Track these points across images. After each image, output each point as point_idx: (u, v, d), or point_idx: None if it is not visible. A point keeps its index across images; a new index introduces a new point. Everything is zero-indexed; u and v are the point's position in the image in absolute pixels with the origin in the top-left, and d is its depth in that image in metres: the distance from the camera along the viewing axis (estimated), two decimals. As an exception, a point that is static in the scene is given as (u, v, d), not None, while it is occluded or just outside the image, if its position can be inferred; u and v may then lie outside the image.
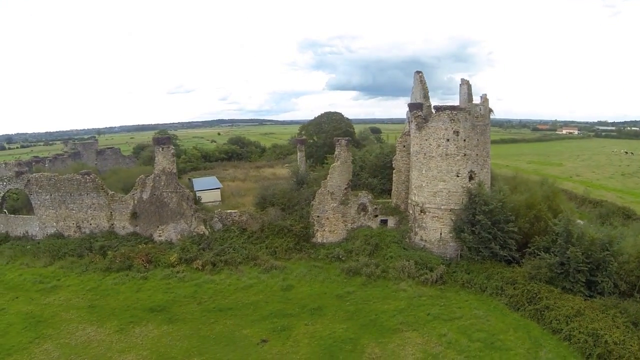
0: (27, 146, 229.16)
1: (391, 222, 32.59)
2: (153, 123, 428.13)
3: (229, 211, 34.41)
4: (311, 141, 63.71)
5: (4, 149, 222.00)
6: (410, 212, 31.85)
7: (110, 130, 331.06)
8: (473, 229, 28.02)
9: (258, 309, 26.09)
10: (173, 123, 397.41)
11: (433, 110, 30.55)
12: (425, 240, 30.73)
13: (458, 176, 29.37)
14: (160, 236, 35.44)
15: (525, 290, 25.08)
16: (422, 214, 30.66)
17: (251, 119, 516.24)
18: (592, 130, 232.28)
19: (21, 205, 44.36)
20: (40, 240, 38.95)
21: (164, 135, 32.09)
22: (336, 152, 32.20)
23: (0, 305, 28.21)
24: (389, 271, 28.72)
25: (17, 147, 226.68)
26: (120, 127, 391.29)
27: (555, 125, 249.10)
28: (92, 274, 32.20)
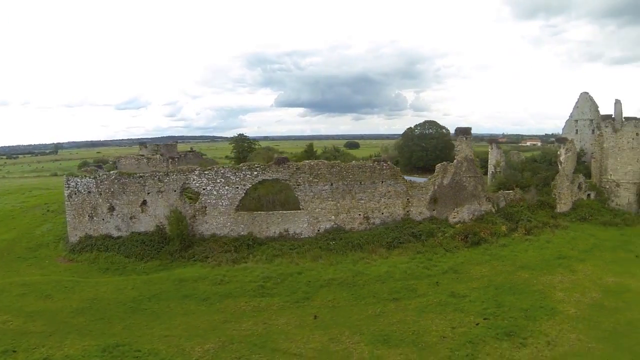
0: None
1: (592, 195, 47.73)
2: (102, 139, 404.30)
3: (507, 192, 43.11)
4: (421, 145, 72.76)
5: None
6: (607, 187, 47.93)
7: (59, 147, 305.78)
8: (654, 193, 45.88)
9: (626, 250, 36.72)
10: (123, 139, 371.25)
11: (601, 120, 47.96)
12: (619, 205, 47.23)
13: (638, 161, 46.97)
14: (454, 218, 40.55)
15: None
16: (617, 187, 47.14)
17: (200, 136, 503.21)
18: (551, 142, 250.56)
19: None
20: (313, 238, 36.89)
21: (467, 127, 39.15)
22: (567, 147, 45.71)
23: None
24: (624, 221, 43.70)
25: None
26: (69, 143, 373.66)
27: (519, 138, 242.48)
28: (457, 252, 34.43)
